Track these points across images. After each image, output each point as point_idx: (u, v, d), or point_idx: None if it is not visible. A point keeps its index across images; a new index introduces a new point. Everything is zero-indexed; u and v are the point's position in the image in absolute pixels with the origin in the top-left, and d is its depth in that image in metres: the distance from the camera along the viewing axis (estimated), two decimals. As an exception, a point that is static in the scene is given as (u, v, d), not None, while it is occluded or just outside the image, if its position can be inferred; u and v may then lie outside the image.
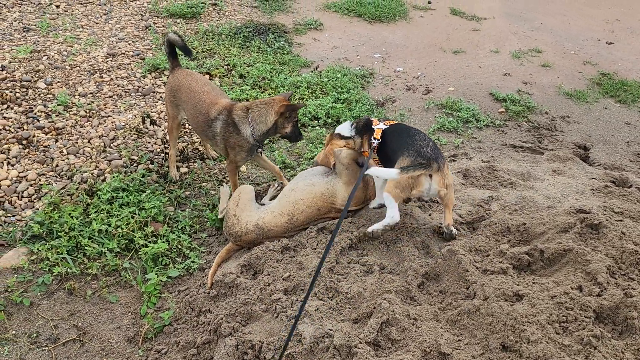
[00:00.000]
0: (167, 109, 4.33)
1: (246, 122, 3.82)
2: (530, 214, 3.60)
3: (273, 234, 3.56)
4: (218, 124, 3.88)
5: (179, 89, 4.11)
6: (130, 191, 4.16)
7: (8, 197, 4.05)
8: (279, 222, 3.57)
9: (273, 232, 3.56)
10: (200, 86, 4.06)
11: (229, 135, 3.86)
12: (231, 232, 3.62)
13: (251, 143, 3.88)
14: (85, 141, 4.74)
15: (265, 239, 3.56)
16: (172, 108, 4.24)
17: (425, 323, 2.69)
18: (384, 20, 8.66)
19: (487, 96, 6.44)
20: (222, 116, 3.87)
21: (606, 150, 5.37)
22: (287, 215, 3.59)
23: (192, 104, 4.01)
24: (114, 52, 6.34)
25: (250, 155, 4.00)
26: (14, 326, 3.18)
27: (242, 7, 8.50)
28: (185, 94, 4.06)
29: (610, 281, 2.73)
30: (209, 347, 2.93)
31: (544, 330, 2.48)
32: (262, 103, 3.86)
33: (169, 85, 4.21)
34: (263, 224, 3.57)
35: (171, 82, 4.18)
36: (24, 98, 5.15)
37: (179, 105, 4.18)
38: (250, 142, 3.87)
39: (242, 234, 3.57)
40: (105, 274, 3.59)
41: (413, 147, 3.27)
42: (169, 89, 4.21)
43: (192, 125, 4.22)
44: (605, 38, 8.63)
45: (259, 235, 3.56)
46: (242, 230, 3.58)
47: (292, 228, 3.60)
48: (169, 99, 4.25)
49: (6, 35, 6.31)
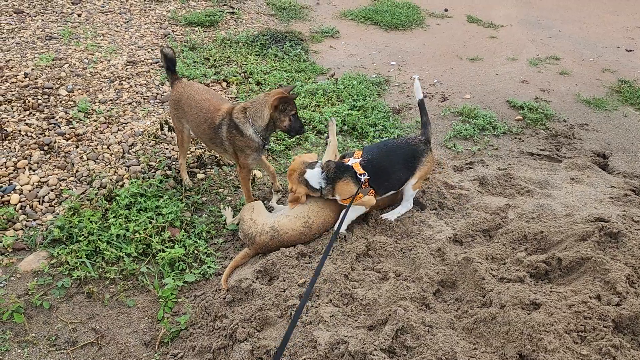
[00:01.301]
0: (173, 124, 4.35)
1: (246, 122, 3.81)
2: (548, 222, 3.57)
3: (288, 237, 3.58)
4: (223, 129, 3.90)
5: (180, 101, 4.10)
6: (148, 197, 4.21)
7: (29, 202, 4.13)
8: (295, 226, 3.60)
9: (288, 236, 3.58)
10: (201, 94, 4.06)
11: (235, 138, 3.87)
12: (247, 233, 3.66)
13: (257, 141, 3.86)
14: (105, 147, 4.82)
15: (282, 244, 3.58)
16: (177, 122, 4.25)
17: (441, 331, 2.68)
18: (400, 28, 8.68)
19: (504, 104, 6.40)
20: (225, 121, 3.89)
21: (626, 158, 5.30)
22: (302, 218, 3.62)
23: (196, 113, 4.01)
24: (134, 59, 6.44)
25: (259, 155, 4.00)
26: (34, 329, 3.24)
27: (260, 16, 8.59)
28: (187, 105, 4.06)
29: (629, 290, 2.69)
30: (224, 352, 2.95)
31: (561, 340, 2.46)
32: (257, 99, 3.84)
33: (171, 100, 4.21)
34: (278, 227, 3.60)
35: (173, 97, 4.18)
36: (46, 105, 5.26)
37: (181, 119, 4.18)
38: (255, 141, 3.86)
39: (257, 235, 3.60)
40: (123, 278, 3.63)
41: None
42: (172, 104, 4.21)
43: (197, 135, 4.17)
44: (625, 45, 8.53)
45: (274, 237, 3.58)
46: (258, 231, 3.61)
47: (308, 232, 3.62)
48: (173, 114, 4.26)
49: (29, 44, 6.45)
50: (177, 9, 8.25)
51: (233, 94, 6.03)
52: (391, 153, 3.67)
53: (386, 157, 3.64)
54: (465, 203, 4.01)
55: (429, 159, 3.72)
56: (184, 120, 4.17)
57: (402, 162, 3.64)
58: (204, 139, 4.12)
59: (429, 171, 3.80)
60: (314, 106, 5.84)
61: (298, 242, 3.61)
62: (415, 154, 3.68)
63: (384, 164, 3.59)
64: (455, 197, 4.07)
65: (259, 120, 3.79)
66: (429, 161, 3.72)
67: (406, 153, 3.67)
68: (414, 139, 3.74)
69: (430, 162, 3.74)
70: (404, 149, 3.69)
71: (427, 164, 3.71)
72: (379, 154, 3.63)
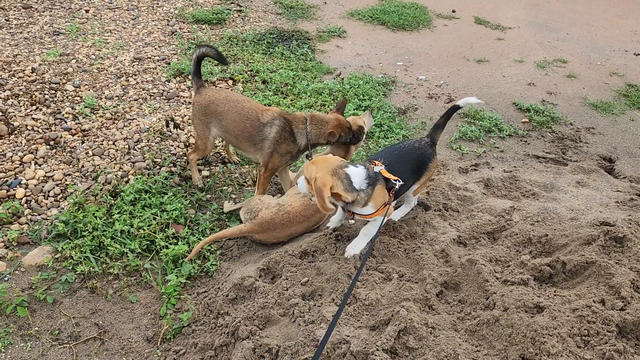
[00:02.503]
0: (196, 131, 4.27)
1: (304, 132, 3.99)
2: (553, 226, 3.55)
3: (294, 210, 3.73)
4: (273, 128, 3.96)
5: (212, 103, 4.09)
6: (152, 193, 4.22)
7: (35, 196, 4.15)
8: (297, 199, 3.79)
9: (293, 208, 3.74)
10: (238, 96, 4.15)
11: (283, 142, 3.97)
12: (251, 208, 3.81)
13: (300, 151, 4.09)
14: (111, 143, 4.83)
15: (287, 219, 3.72)
16: (204, 128, 4.20)
17: (444, 332, 2.67)
18: (407, 29, 8.66)
19: (510, 106, 6.38)
20: (278, 122, 3.96)
21: (632, 162, 5.27)
22: (304, 196, 3.80)
23: (236, 112, 4.02)
24: (140, 56, 6.46)
25: (291, 162, 4.15)
26: (37, 323, 3.25)
27: (267, 14, 8.59)
28: (223, 105, 4.06)
29: (634, 295, 2.68)
30: (226, 349, 2.95)
31: (564, 344, 2.45)
32: (319, 118, 4.03)
33: (198, 105, 4.15)
34: (283, 202, 3.79)
35: (199, 101, 4.14)
36: (53, 100, 5.27)
37: (210, 123, 4.15)
38: (300, 151, 4.08)
39: (263, 208, 3.75)
40: (126, 274, 3.64)
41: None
42: (199, 109, 4.15)
43: (232, 133, 4.10)
44: (633, 49, 8.49)
45: (279, 211, 3.72)
46: (264, 205, 3.77)
47: (309, 205, 3.76)
48: (199, 119, 4.18)
49: (37, 39, 6.48)
50: (184, 6, 8.26)
51: (239, 92, 6.03)
52: (403, 158, 3.42)
53: (399, 163, 3.36)
54: (469, 205, 4.00)
55: (434, 164, 3.56)
56: (214, 123, 4.14)
57: (413, 168, 3.43)
58: (239, 137, 4.08)
59: (432, 176, 3.75)
60: (319, 105, 5.83)
61: (303, 216, 3.73)
62: (424, 159, 3.49)
63: (398, 170, 3.30)
64: (460, 199, 4.06)
65: (315, 137, 4.01)
66: (434, 166, 3.58)
67: (416, 158, 3.46)
68: (420, 142, 3.55)
69: (435, 167, 3.60)
70: (414, 153, 3.48)
71: (432, 170, 3.57)
72: (393, 160, 3.35)
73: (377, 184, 3.15)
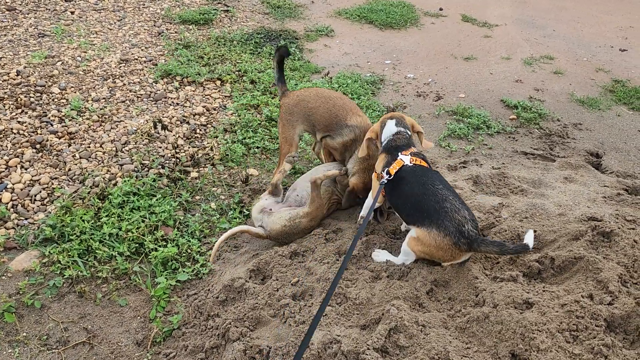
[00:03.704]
0: (282, 134, 4.25)
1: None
2: (541, 222, 3.57)
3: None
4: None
5: (302, 101, 4.15)
6: (141, 195, 4.19)
7: (21, 200, 4.10)
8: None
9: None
10: (327, 92, 4.26)
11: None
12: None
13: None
14: (98, 146, 4.79)
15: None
16: (289, 129, 4.20)
17: (434, 330, 2.68)
18: (395, 27, 8.68)
19: (498, 103, 6.41)
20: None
21: (619, 157, 5.32)
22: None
23: (325, 108, 4.08)
24: (127, 57, 6.41)
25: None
26: (25, 328, 3.21)
27: (254, 14, 8.56)
28: (314, 101, 4.12)
29: (621, 290, 2.70)
30: (217, 351, 2.93)
31: (554, 339, 2.46)
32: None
33: (286, 106, 4.19)
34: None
35: (286, 102, 4.20)
36: (38, 103, 5.22)
37: (296, 122, 4.17)
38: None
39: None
40: (115, 278, 3.61)
41: (450, 221, 2.94)
42: (286, 109, 4.19)
43: (318, 127, 4.16)
44: (619, 45, 8.56)
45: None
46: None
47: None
48: (285, 120, 4.19)
49: (21, 41, 6.41)
50: (171, 7, 8.22)
51: (227, 93, 6.01)
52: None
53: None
54: (458, 202, 4.01)
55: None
56: (301, 121, 4.17)
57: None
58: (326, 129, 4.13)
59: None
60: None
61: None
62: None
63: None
64: (449, 196, 4.07)
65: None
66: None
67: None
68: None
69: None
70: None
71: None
72: (424, 187, 3.42)
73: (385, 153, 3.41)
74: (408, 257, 3.17)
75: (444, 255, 3.01)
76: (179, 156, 4.81)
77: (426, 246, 3.03)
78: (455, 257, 3.01)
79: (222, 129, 5.30)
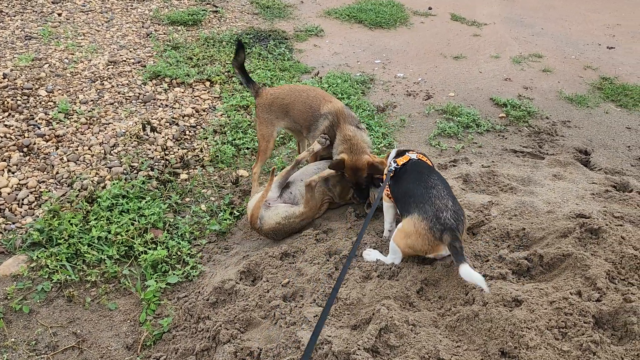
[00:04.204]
0: (259, 132, 4.30)
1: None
2: (530, 219, 3.58)
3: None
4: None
5: (277, 99, 4.19)
6: (130, 198, 4.17)
7: (8, 205, 4.07)
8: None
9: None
10: (300, 86, 4.36)
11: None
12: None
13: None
14: (86, 148, 4.76)
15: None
16: (267, 126, 4.25)
17: (424, 329, 2.68)
18: (384, 26, 8.69)
19: (487, 101, 6.43)
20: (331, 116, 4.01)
21: (607, 154, 5.35)
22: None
23: (300, 101, 4.13)
24: (115, 59, 6.37)
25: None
26: (13, 334, 3.18)
27: (243, 14, 8.54)
28: (289, 97, 4.17)
29: (609, 286, 2.71)
30: (207, 354, 2.92)
31: (543, 336, 2.47)
32: (360, 138, 3.93)
33: (262, 105, 4.23)
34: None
35: (261, 102, 4.23)
36: (25, 106, 5.18)
37: (274, 120, 4.22)
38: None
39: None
40: (104, 281, 3.59)
41: (430, 206, 2.98)
42: (262, 109, 4.23)
43: (298, 122, 4.20)
44: (606, 43, 8.63)
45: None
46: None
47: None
48: (262, 119, 4.25)
49: (8, 44, 6.35)
50: (159, 8, 8.18)
51: (216, 94, 5.99)
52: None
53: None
54: (448, 201, 4.02)
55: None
56: (280, 118, 4.21)
57: None
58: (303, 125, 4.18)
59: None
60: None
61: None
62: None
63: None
64: (439, 195, 4.07)
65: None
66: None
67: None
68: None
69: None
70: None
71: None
72: (415, 176, 3.54)
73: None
74: (396, 254, 3.17)
75: (423, 244, 2.97)
76: (168, 158, 4.79)
77: (409, 236, 3.02)
78: (432, 246, 2.96)
79: (211, 130, 5.28)
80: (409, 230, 3.03)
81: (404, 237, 3.06)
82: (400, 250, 3.12)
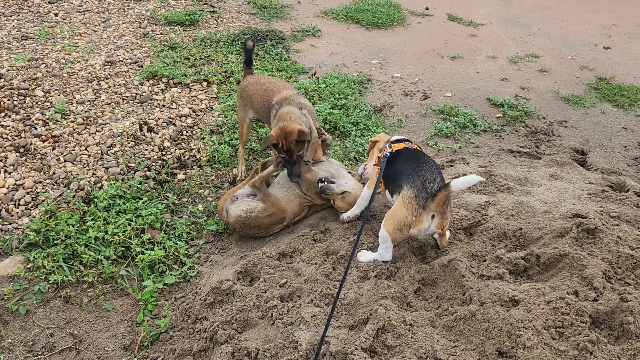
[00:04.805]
0: (238, 114, 4.65)
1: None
2: (527, 219, 3.59)
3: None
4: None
5: (245, 88, 4.47)
6: (127, 198, 4.16)
7: (5, 205, 4.05)
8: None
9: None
10: (268, 79, 4.51)
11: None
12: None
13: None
14: (83, 149, 4.75)
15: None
16: (241, 111, 4.56)
17: (422, 329, 2.68)
18: (381, 27, 8.69)
19: (484, 101, 6.44)
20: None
21: (603, 154, 5.37)
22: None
23: (259, 94, 4.31)
24: (112, 59, 6.36)
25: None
26: (10, 335, 3.17)
27: (240, 15, 8.53)
28: (252, 89, 4.39)
29: (606, 286, 2.72)
30: (205, 354, 2.92)
31: (540, 336, 2.48)
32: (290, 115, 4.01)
33: (238, 91, 4.59)
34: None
35: (240, 88, 4.58)
36: (22, 106, 5.16)
37: (245, 105, 4.50)
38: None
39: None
40: (101, 282, 3.58)
41: (420, 177, 3.06)
42: (238, 94, 4.57)
43: (259, 113, 4.40)
44: (603, 43, 8.65)
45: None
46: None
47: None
48: (238, 103, 4.59)
49: (4, 44, 6.33)
50: (156, 8, 8.16)
51: (214, 94, 5.98)
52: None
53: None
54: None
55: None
56: (249, 107, 4.46)
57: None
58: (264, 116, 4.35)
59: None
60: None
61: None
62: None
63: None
64: (436, 195, 4.08)
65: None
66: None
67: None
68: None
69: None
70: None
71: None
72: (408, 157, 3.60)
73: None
74: (386, 243, 3.17)
75: (407, 215, 2.99)
76: (165, 158, 4.79)
77: (395, 211, 3.06)
78: (415, 216, 2.97)
79: (208, 131, 5.27)
80: (396, 206, 3.10)
81: (391, 216, 3.11)
82: (388, 235, 3.12)
